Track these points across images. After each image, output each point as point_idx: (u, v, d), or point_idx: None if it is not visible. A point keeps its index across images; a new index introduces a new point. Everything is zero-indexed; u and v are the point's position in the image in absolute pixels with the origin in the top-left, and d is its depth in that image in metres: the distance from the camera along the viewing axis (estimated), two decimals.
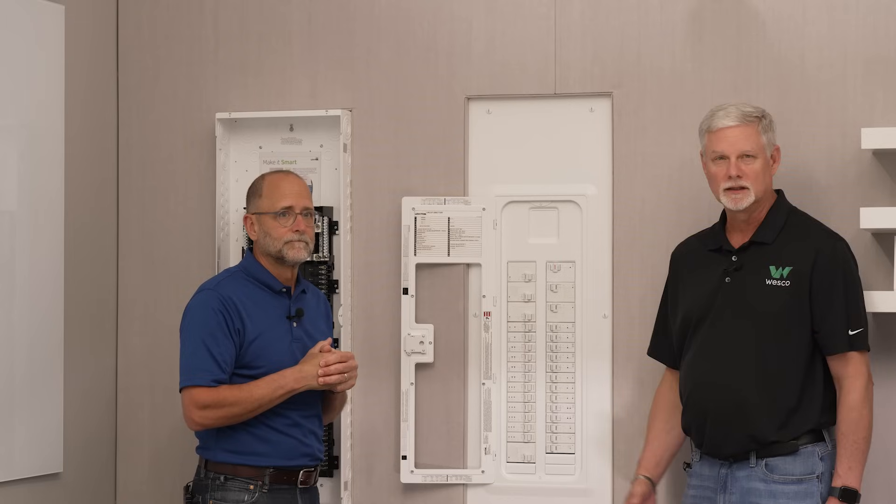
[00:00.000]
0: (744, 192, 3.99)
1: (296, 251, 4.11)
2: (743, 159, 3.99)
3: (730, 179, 3.98)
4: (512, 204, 4.60)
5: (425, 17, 4.67)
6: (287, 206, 4.11)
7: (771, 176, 4.05)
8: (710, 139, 4.04)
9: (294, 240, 4.10)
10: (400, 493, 4.64)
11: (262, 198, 4.14)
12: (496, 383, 4.59)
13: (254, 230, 4.15)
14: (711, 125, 4.03)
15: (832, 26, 4.33)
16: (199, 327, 4.03)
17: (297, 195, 4.14)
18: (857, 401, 3.93)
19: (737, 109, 4.02)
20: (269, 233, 4.11)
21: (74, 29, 4.69)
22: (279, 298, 4.14)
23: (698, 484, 4.09)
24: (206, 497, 4.06)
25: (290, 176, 4.21)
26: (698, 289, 4.08)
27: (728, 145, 3.99)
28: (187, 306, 4.10)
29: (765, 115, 4.04)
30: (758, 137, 4.00)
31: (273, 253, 4.12)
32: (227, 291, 4.07)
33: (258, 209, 4.14)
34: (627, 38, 4.50)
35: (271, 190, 4.14)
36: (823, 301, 3.96)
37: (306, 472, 4.13)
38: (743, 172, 3.98)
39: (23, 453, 4.45)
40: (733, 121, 4.00)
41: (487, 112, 4.64)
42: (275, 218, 4.11)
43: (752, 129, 4.00)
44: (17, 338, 4.42)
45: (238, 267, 4.21)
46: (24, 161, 4.47)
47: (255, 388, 4.01)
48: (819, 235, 4.03)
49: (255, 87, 4.79)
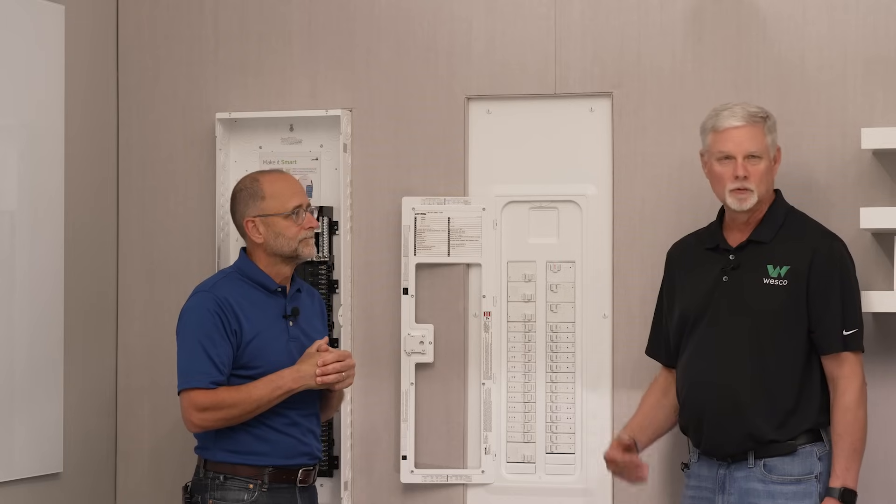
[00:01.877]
0: (748, 192, 3.98)
1: (310, 248, 4.15)
2: (749, 160, 3.97)
3: (736, 180, 3.96)
4: (512, 204, 4.60)
5: (425, 17, 4.67)
6: (297, 204, 4.12)
7: (773, 176, 4.04)
8: (715, 139, 4.01)
9: (308, 237, 4.13)
10: (400, 493, 4.64)
11: (266, 199, 4.12)
12: (496, 383, 4.59)
13: (259, 233, 4.12)
14: (717, 125, 4.01)
15: (832, 26, 4.33)
16: (196, 329, 4.03)
17: (302, 193, 4.18)
18: (852, 402, 3.92)
19: (743, 109, 4.00)
20: (283, 233, 4.11)
21: (74, 29, 4.69)
22: (275, 298, 4.14)
23: (696, 484, 4.08)
24: (205, 497, 4.06)
25: (287, 175, 4.22)
26: (695, 287, 4.08)
27: (735, 145, 3.98)
28: (183, 309, 4.10)
29: (769, 116, 4.03)
30: (763, 138, 3.99)
31: (287, 252, 4.12)
32: (222, 293, 4.07)
33: (264, 211, 4.12)
34: (627, 38, 4.50)
35: (276, 190, 4.13)
36: (820, 301, 3.95)
37: (305, 470, 4.13)
38: (749, 173, 3.96)
39: (23, 453, 4.45)
40: (740, 121, 3.98)
41: (487, 112, 4.64)
42: (286, 218, 4.11)
43: (759, 129, 3.99)
44: (16, 338, 4.42)
45: (233, 268, 4.20)
46: (24, 161, 4.47)
47: (254, 389, 4.01)
48: (816, 235, 4.03)
49: (255, 87, 4.79)
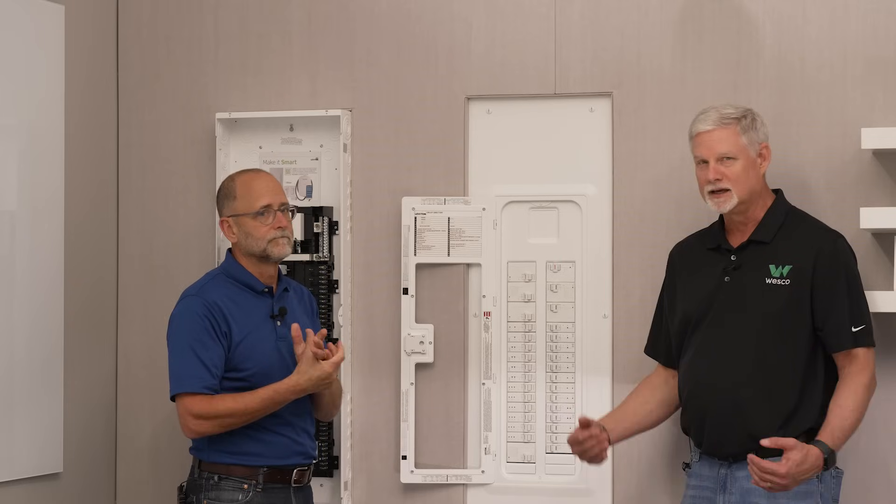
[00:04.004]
0: (726, 194, 3.98)
1: (280, 248, 4.12)
2: (722, 162, 3.98)
3: (710, 183, 3.99)
4: (512, 204, 4.60)
5: (425, 17, 4.67)
6: (265, 204, 4.11)
7: (759, 175, 4.03)
8: (692, 144, 4.06)
9: (277, 237, 4.11)
10: (400, 493, 4.64)
11: (237, 199, 4.13)
12: (496, 383, 4.59)
13: (232, 233, 4.14)
14: (692, 130, 4.05)
15: (832, 26, 4.33)
16: (186, 334, 4.04)
17: (273, 192, 4.14)
18: (861, 386, 3.88)
19: (715, 112, 4.01)
20: (251, 233, 4.11)
21: (74, 29, 4.69)
22: (262, 298, 4.14)
23: (697, 484, 4.08)
24: (200, 497, 4.07)
25: (262, 174, 4.21)
26: (697, 288, 4.08)
27: (706, 149, 4.00)
28: (172, 314, 4.11)
29: (745, 115, 4.01)
30: (736, 138, 3.99)
31: (257, 253, 4.11)
32: (210, 296, 4.07)
33: (234, 211, 4.13)
34: (627, 38, 4.50)
35: (246, 190, 4.13)
36: (826, 299, 3.95)
37: (300, 470, 4.13)
38: (722, 175, 3.97)
39: (23, 453, 4.45)
40: (710, 125, 4.00)
41: (487, 112, 4.64)
42: (254, 217, 4.11)
43: (730, 130, 3.99)
44: (17, 338, 4.42)
45: (219, 269, 4.21)
46: (24, 161, 4.47)
47: (251, 401, 4.01)
48: (819, 233, 4.03)
49: (255, 87, 4.79)
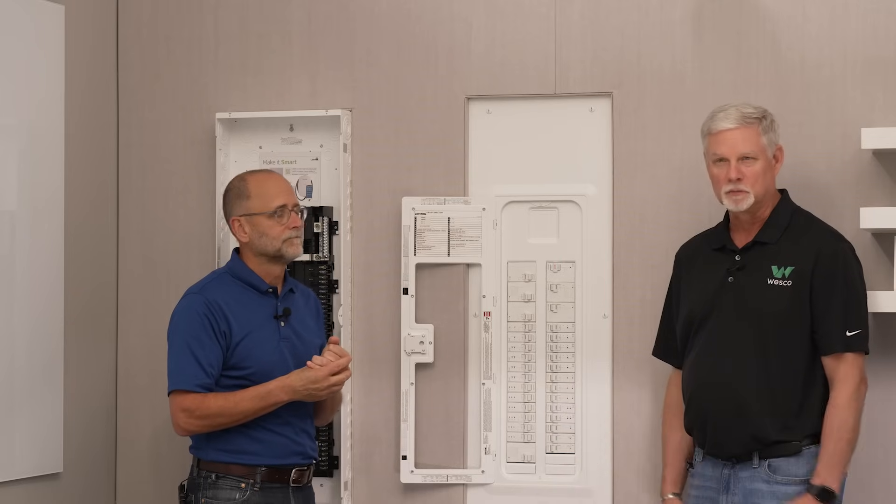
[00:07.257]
0: (744, 194, 3.98)
1: (295, 248, 4.14)
2: (743, 161, 3.98)
3: (730, 182, 3.98)
4: (512, 204, 4.60)
5: (425, 17, 4.67)
6: (281, 204, 4.12)
7: (773, 176, 4.04)
8: (710, 141, 4.03)
9: (292, 237, 4.13)
10: (400, 493, 4.64)
11: (250, 199, 4.13)
12: (496, 383, 4.59)
13: (244, 232, 4.14)
14: (711, 127, 4.03)
15: (832, 26, 4.33)
16: (185, 332, 4.05)
17: (288, 192, 4.17)
18: (844, 402, 3.90)
19: (736, 111, 4.00)
20: (266, 232, 4.12)
21: (74, 29, 4.68)
22: (266, 298, 4.15)
23: (700, 484, 4.09)
24: (198, 496, 4.08)
25: (274, 174, 4.24)
26: (701, 288, 4.08)
27: (728, 148, 3.99)
28: (173, 311, 4.12)
29: (765, 116, 4.03)
30: (758, 139, 3.99)
31: (271, 252, 4.12)
32: (211, 295, 4.08)
33: (248, 210, 4.13)
34: (627, 38, 4.50)
35: (261, 190, 4.14)
36: (821, 301, 3.95)
37: (299, 470, 4.13)
38: (743, 175, 3.97)
39: (23, 453, 4.45)
40: (732, 123, 3.99)
41: (487, 112, 4.64)
42: (270, 217, 4.11)
43: (752, 130, 3.99)
44: (17, 338, 4.42)
45: (224, 269, 4.22)
46: (24, 161, 4.47)
47: (241, 400, 4.01)
48: (822, 236, 4.03)
49: (255, 87, 4.79)
